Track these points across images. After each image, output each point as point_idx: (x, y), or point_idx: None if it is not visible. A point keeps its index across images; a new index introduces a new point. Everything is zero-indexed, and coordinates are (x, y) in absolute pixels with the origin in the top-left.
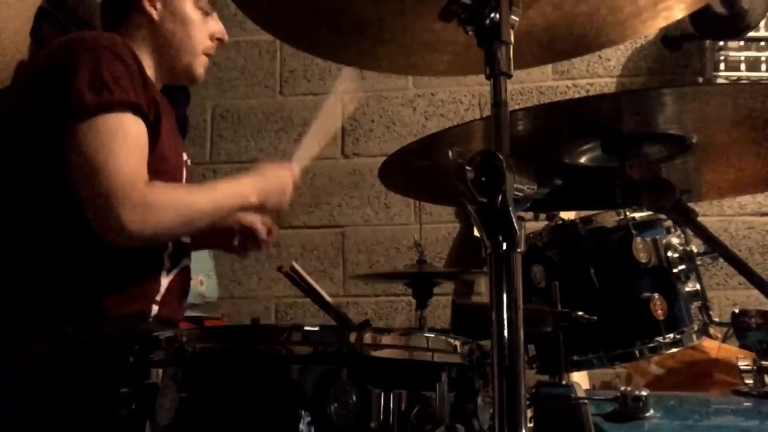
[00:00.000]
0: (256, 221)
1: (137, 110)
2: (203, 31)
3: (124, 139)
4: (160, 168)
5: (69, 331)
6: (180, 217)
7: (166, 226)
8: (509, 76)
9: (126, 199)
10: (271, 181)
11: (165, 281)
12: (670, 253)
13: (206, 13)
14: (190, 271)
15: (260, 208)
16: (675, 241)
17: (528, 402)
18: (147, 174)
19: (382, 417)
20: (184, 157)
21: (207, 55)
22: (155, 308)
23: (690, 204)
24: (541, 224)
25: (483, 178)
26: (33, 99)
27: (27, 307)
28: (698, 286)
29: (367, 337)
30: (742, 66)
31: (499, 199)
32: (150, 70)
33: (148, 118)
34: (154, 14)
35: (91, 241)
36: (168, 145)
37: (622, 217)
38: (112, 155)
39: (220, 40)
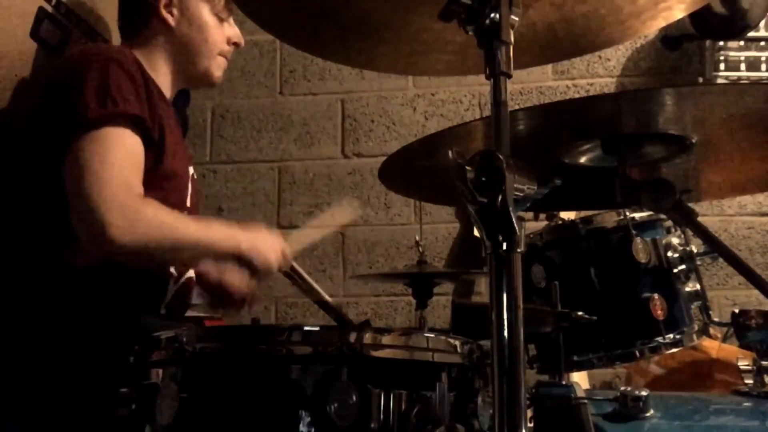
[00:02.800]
0: (238, 282)
1: (139, 124)
2: (219, 35)
3: (121, 151)
4: (167, 184)
5: (71, 332)
6: (165, 238)
7: (150, 243)
8: (509, 76)
9: (117, 206)
10: (263, 240)
11: (172, 289)
12: (670, 253)
13: (222, 20)
14: (193, 280)
15: (245, 262)
16: (675, 241)
17: (528, 402)
18: (141, 188)
19: (382, 417)
20: (191, 171)
21: (224, 57)
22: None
23: (690, 204)
24: (541, 224)
25: (483, 178)
26: (41, 110)
27: (35, 312)
28: (698, 286)
29: (367, 337)
30: (742, 66)
31: (499, 199)
32: (166, 76)
33: (150, 133)
34: (171, 21)
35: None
36: (174, 161)
37: (622, 217)
38: (109, 164)
39: (236, 44)
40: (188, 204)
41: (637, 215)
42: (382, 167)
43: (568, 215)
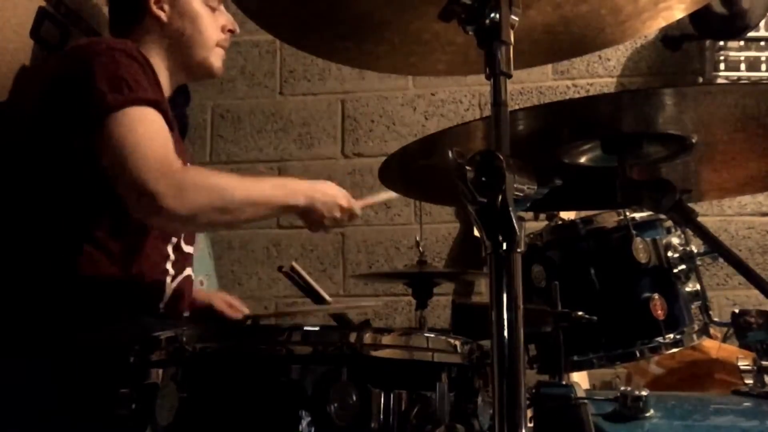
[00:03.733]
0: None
1: (157, 106)
2: (213, 24)
3: (150, 127)
4: None
5: (71, 332)
6: (214, 200)
7: (201, 207)
8: (509, 76)
9: (161, 177)
10: (324, 191)
11: (170, 288)
12: (670, 253)
13: (213, 9)
14: (192, 278)
15: (306, 217)
16: (675, 241)
17: (528, 402)
18: (178, 158)
19: (382, 417)
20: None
21: (221, 47)
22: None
23: (690, 204)
24: (541, 224)
25: (483, 178)
26: (46, 106)
27: (34, 310)
28: (698, 286)
29: (367, 337)
30: (742, 66)
31: (499, 199)
32: (164, 72)
33: (167, 114)
34: (163, 16)
35: (101, 246)
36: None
37: (622, 217)
38: (142, 139)
39: (231, 31)
40: None
41: (637, 215)
42: (382, 167)
43: (568, 215)
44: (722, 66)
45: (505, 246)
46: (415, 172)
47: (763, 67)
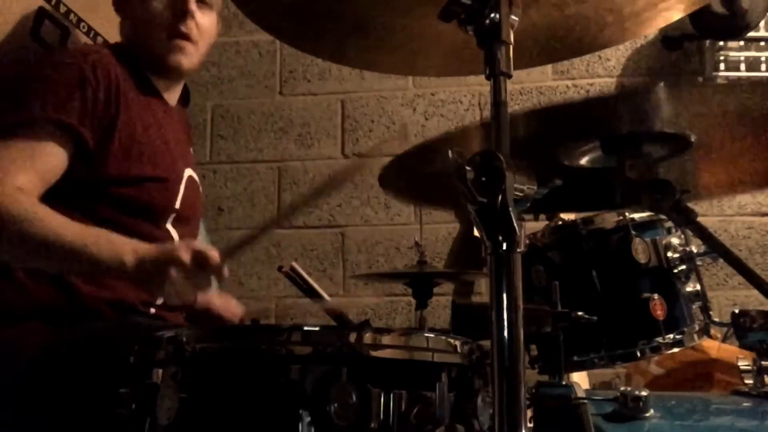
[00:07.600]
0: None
1: (64, 129)
2: (164, 11)
3: (19, 159)
4: (133, 189)
5: (70, 332)
6: (32, 226)
7: (12, 223)
8: (509, 76)
9: None
10: (160, 252)
11: None
12: (670, 254)
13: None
14: None
15: (138, 279)
16: (675, 241)
17: (528, 402)
18: (31, 188)
19: (382, 417)
20: (187, 173)
21: (180, 38)
22: (152, 311)
23: (690, 204)
24: (541, 224)
25: (483, 179)
26: None
27: (33, 313)
28: (698, 287)
29: (367, 337)
30: (742, 66)
31: (499, 199)
32: (144, 70)
33: (82, 137)
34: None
35: None
36: (145, 163)
37: (622, 217)
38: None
39: (185, 14)
40: (177, 206)
41: (637, 215)
42: (382, 173)
43: (568, 215)
44: (722, 66)
45: (505, 246)
46: (415, 177)
47: (763, 67)
